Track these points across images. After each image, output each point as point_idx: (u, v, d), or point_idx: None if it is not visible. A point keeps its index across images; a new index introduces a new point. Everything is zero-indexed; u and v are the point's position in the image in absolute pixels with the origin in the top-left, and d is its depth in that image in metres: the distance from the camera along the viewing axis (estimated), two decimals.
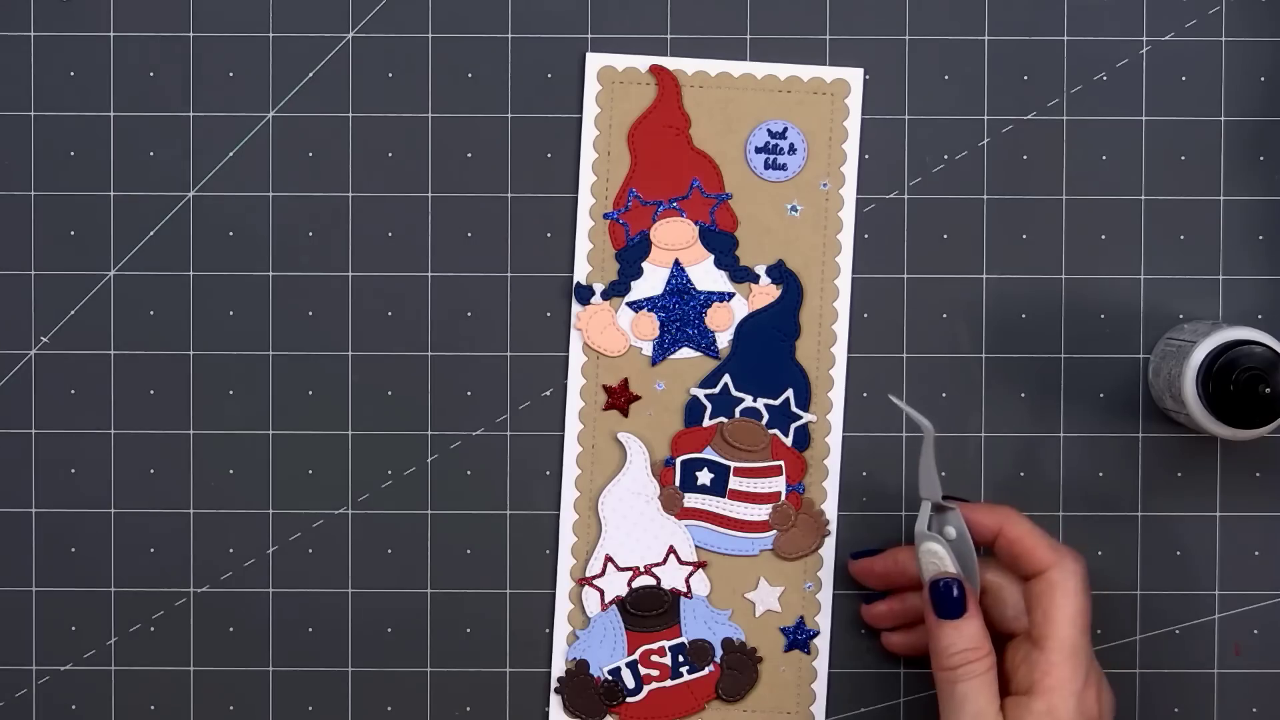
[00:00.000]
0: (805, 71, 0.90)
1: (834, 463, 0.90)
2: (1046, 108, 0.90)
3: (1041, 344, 0.90)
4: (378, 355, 0.90)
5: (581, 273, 0.90)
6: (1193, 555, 0.90)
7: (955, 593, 0.83)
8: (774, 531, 0.90)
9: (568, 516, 0.90)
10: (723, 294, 0.90)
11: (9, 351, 0.90)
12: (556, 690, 0.90)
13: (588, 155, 0.90)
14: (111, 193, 0.90)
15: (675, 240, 0.90)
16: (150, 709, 0.90)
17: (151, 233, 0.90)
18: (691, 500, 0.90)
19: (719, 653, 0.90)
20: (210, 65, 0.90)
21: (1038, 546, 0.83)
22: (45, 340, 0.90)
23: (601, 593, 0.90)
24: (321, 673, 0.89)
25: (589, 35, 0.90)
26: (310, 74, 0.90)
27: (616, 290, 0.90)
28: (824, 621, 0.90)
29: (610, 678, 0.90)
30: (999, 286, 0.90)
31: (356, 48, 0.90)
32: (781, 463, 0.90)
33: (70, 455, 0.90)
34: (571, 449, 0.90)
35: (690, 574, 0.90)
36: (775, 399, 0.90)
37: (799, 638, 0.90)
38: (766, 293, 0.90)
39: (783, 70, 0.90)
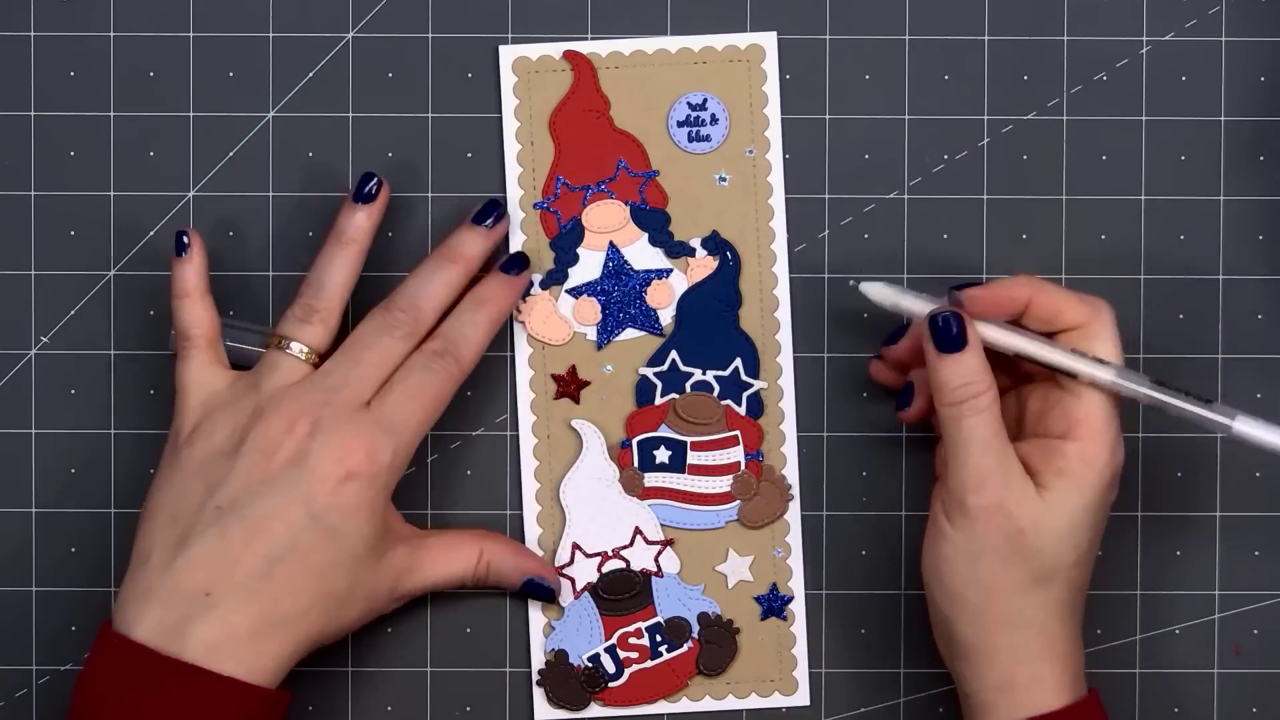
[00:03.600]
0: (719, 41, 0.90)
1: (790, 427, 0.90)
2: (1046, 108, 0.90)
3: None
4: None
5: None
6: (1193, 555, 0.90)
7: (954, 327, 0.82)
8: (737, 502, 0.90)
9: (530, 509, 0.90)
10: (661, 271, 0.90)
11: (9, 351, 0.90)
12: (538, 683, 0.90)
13: (511, 147, 0.90)
14: (111, 193, 0.90)
15: (607, 223, 0.90)
16: None
17: (151, 233, 0.90)
18: (652, 479, 0.90)
19: (696, 628, 0.90)
20: (210, 65, 0.90)
21: (1069, 302, 0.82)
22: (45, 340, 0.90)
23: (572, 581, 0.90)
24: (322, 673, 0.89)
25: (587, 32, 0.90)
26: (310, 74, 0.90)
27: (554, 279, 0.90)
28: (797, 586, 0.90)
29: (590, 664, 0.90)
30: None
31: (356, 48, 0.90)
32: (737, 432, 0.90)
33: (70, 455, 0.90)
34: (527, 441, 0.90)
35: (659, 553, 0.90)
36: (724, 370, 0.90)
37: (774, 605, 0.90)
38: (704, 265, 0.90)
39: (696, 42, 0.90)
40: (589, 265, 0.90)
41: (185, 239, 0.86)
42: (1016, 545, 0.81)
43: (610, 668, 0.90)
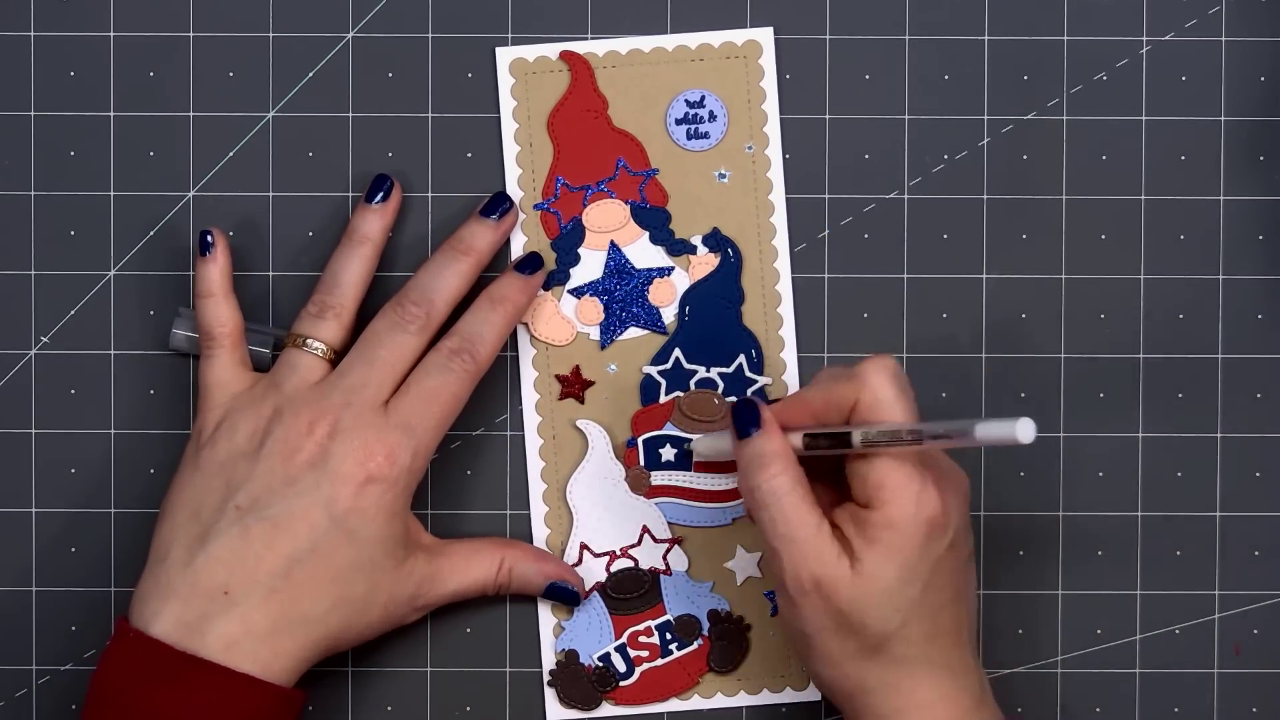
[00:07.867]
0: (715, 38, 0.90)
1: None
2: (1046, 108, 0.90)
3: (1041, 344, 0.90)
4: None
5: None
6: (1193, 555, 0.90)
7: (750, 410, 0.81)
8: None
9: (538, 509, 0.90)
10: (662, 269, 0.90)
11: (9, 351, 0.90)
12: (549, 684, 0.90)
13: (510, 148, 0.90)
14: (111, 193, 0.90)
15: (608, 222, 0.90)
16: None
17: (151, 232, 0.90)
18: (658, 478, 0.90)
19: (706, 625, 0.90)
20: (210, 65, 0.90)
21: (838, 378, 0.81)
22: (45, 340, 0.90)
23: (581, 581, 0.90)
24: (321, 673, 0.89)
25: (587, 32, 0.90)
26: (310, 74, 0.90)
27: (556, 279, 0.90)
28: None
29: (601, 664, 0.90)
30: (999, 286, 0.90)
31: (356, 48, 0.90)
32: None
33: (70, 455, 0.90)
34: (533, 442, 0.90)
35: (667, 551, 0.90)
36: (728, 367, 0.90)
37: None
38: (705, 262, 0.90)
39: (693, 39, 0.90)
40: (590, 265, 0.90)
41: (210, 239, 0.87)
42: (840, 622, 0.80)
43: (621, 667, 0.90)
